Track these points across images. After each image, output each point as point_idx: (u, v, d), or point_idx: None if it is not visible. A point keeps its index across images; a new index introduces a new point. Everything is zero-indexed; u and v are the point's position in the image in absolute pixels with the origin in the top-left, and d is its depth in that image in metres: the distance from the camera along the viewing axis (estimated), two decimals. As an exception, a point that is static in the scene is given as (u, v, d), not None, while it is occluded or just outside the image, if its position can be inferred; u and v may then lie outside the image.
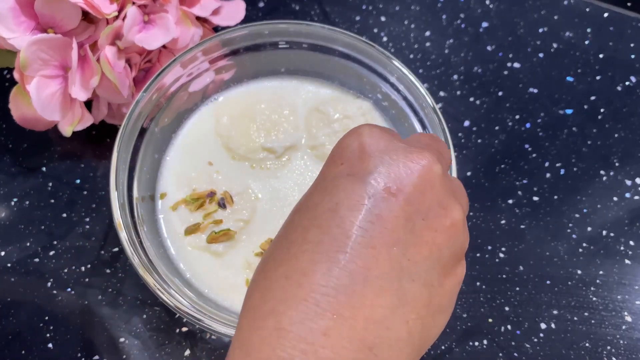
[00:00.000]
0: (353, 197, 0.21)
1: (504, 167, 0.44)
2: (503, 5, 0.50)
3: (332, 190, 0.21)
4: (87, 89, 0.39)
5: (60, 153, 0.44)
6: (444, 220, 0.22)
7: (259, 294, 0.21)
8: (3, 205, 0.43)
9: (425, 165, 0.22)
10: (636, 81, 0.47)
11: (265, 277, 0.21)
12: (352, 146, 0.23)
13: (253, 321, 0.20)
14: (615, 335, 0.39)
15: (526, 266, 0.41)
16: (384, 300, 0.20)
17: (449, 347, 0.39)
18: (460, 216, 0.23)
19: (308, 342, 0.18)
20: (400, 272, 0.20)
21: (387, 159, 0.22)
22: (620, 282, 0.41)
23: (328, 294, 0.19)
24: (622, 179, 0.44)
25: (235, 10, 0.46)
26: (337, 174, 0.22)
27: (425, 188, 0.22)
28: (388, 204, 0.21)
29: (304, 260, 0.20)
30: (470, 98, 0.47)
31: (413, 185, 0.21)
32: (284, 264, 0.20)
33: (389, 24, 0.50)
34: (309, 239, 0.20)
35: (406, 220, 0.21)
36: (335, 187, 0.21)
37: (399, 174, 0.22)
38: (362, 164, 0.22)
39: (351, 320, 0.19)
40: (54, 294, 0.40)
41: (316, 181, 0.23)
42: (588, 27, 0.49)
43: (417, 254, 0.21)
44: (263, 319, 0.20)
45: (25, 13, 0.38)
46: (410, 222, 0.21)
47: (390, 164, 0.22)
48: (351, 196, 0.21)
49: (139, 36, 0.39)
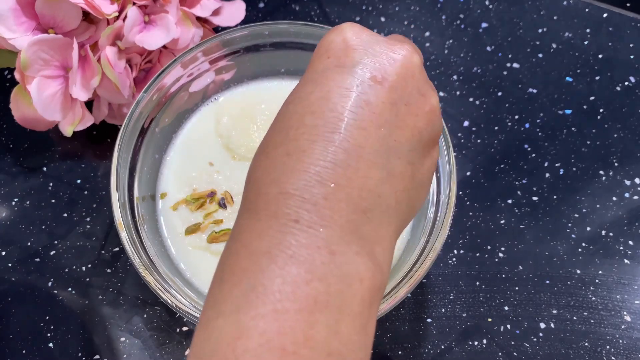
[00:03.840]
0: (342, 86, 0.23)
1: (503, 167, 0.44)
2: (502, 5, 0.50)
3: (322, 81, 0.23)
4: (87, 89, 0.39)
5: (61, 153, 0.44)
6: (423, 106, 0.24)
7: (261, 169, 0.23)
8: (4, 205, 0.43)
9: (406, 55, 0.24)
10: (635, 81, 0.48)
11: (267, 157, 0.23)
12: (336, 41, 0.24)
13: (257, 190, 0.22)
14: (614, 334, 0.39)
15: (525, 266, 0.41)
16: (375, 173, 0.22)
17: (449, 346, 0.39)
18: (437, 103, 0.25)
19: (312, 203, 0.20)
20: (388, 150, 0.23)
21: (371, 50, 0.24)
22: (619, 282, 0.41)
23: (326, 167, 0.21)
24: (621, 179, 0.44)
25: (236, 11, 0.46)
26: (326, 66, 0.24)
27: (407, 76, 0.24)
28: (375, 91, 0.23)
29: (302, 141, 0.22)
30: (470, 98, 0.47)
31: (396, 74, 0.23)
32: (284, 144, 0.22)
33: (388, 25, 0.50)
34: (305, 123, 0.22)
35: (391, 105, 0.23)
36: (325, 78, 0.23)
37: (383, 63, 0.23)
38: (348, 56, 0.24)
39: (348, 189, 0.21)
40: (54, 294, 0.40)
41: (305, 75, 0.25)
42: (587, 27, 0.50)
43: (401, 135, 0.23)
44: (267, 187, 0.22)
45: (26, 13, 0.38)
46: (395, 107, 0.23)
47: (375, 55, 0.24)
48: (341, 85, 0.23)
49: (139, 36, 0.39)
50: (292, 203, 0.21)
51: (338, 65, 0.23)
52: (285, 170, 0.21)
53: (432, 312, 0.40)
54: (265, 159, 0.23)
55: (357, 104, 0.22)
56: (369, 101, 0.22)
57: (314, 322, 0.19)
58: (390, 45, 0.24)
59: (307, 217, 0.20)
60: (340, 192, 0.21)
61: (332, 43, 0.24)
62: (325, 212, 0.21)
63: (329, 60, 0.24)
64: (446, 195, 0.35)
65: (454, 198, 0.34)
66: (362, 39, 0.24)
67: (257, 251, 0.20)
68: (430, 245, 0.33)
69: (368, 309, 0.21)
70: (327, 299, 0.19)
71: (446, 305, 0.40)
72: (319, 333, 0.19)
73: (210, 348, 0.19)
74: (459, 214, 0.43)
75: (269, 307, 0.19)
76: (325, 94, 0.23)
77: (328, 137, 0.22)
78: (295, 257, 0.20)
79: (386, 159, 0.22)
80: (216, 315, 0.20)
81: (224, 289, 0.20)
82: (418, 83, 0.24)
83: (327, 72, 0.23)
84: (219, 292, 0.21)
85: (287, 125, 0.23)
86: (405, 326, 0.39)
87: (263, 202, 0.21)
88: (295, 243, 0.20)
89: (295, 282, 0.19)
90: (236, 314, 0.19)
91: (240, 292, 0.20)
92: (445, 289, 0.40)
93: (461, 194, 0.43)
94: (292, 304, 0.19)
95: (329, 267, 0.20)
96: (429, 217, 0.36)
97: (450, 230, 0.37)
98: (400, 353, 0.39)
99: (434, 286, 0.41)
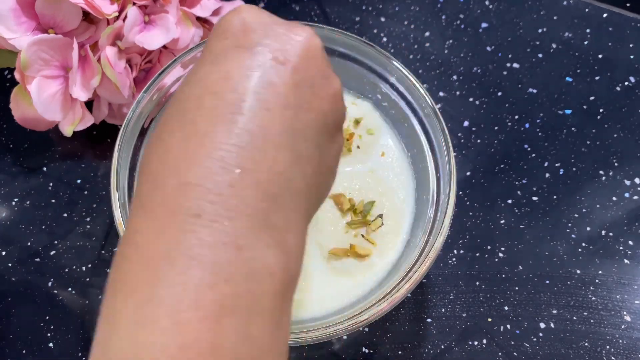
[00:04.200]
0: (243, 66, 0.21)
1: (503, 167, 0.44)
2: (502, 5, 0.50)
3: (222, 61, 0.22)
4: (87, 89, 0.39)
5: (61, 153, 0.44)
6: (327, 89, 0.23)
7: (156, 158, 0.21)
8: (4, 205, 0.43)
9: (308, 37, 0.23)
10: (635, 81, 0.48)
11: (162, 144, 0.21)
12: (234, 22, 0.23)
13: (153, 183, 0.20)
14: (614, 334, 0.39)
15: (525, 266, 0.41)
16: (283, 156, 0.21)
17: (449, 346, 0.39)
18: (339, 87, 0.24)
19: (216, 193, 0.19)
20: (295, 132, 0.21)
21: (271, 31, 0.23)
22: (619, 282, 0.41)
23: (231, 151, 0.19)
24: (621, 179, 0.44)
25: (236, 11, 0.46)
26: (223, 47, 0.22)
27: (310, 58, 0.23)
28: (277, 72, 0.21)
29: (202, 124, 0.20)
30: (470, 98, 0.47)
31: (298, 56, 0.22)
32: (182, 129, 0.20)
33: (388, 25, 0.50)
34: (204, 105, 0.21)
35: (295, 87, 0.22)
36: (225, 58, 0.22)
37: (284, 44, 0.22)
38: (247, 37, 0.22)
39: (256, 173, 0.20)
40: (54, 294, 0.40)
41: (202, 57, 0.23)
42: (587, 27, 0.50)
43: (307, 118, 0.22)
44: (164, 178, 0.20)
45: (26, 13, 0.38)
46: (299, 89, 0.22)
47: (275, 36, 0.22)
48: (241, 65, 0.21)
49: (139, 36, 0.39)
50: (193, 195, 0.19)
51: (237, 46, 0.22)
52: (185, 157, 0.19)
53: (432, 312, 0.40)
54: (161, 146, 0.21)
55: (260, 84, 0.21)
56: (272, 82, 0.21)
57: (220, 330, 0.17)
58: (291, 27, 0.23)
59: (211, 209, 0.18)
60: (248, 177, 0.19)
61: (229, 24, 0.23)
62: (232, 201, 0.19)
63: (227, 41, 0.22)
64: (446, 195, 0.35)
65: (454, 198, 0.34)
66: (261, 21, 0.23)
67: (155, 255, 0.18)
68: (430, 245, 0.34)
69: (281, 302, 0.19)
70: (235, 301, 0.18)
71: (446, 305, 0.40)
72: (228, 340, 0.17)
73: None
74: (459, 214, 0.43)
75: (169, 320, 0.17)
76: (225, 74, 0.21)
77: (231, 118, 0.20)
78: (197, 259, 0.18)
79: (294, 141, 0.21)
80: (110, 334, 0.18)
81: (118, 302, 0.18)
82: (321, 66, 0.23)
83: (226, 52, 0.22)
84: (112, 306, 0.19)
85: (184, 108, 0.21)
86: (405, 326, 0.39)
87: (160, 196, 0.19)
88: (197, 242, 0.18)
89: (197, 287, 0.17)
90: (133, 331, 0.17)
91: (136, 304, 0.18)
92: (445, 289, 0.40)
93: (461, 194, 0.43)
94: (195, 313, 0.17)
95: (236, 266, 0.18)
96: (429, 217, 0.36)
97: (450, 230, 0.37)
98: (400, 353, 0.39)
99: (434, 286, 0.41)
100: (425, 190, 0.37)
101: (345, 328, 0.32)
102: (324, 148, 0.23)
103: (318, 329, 0.32)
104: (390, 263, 0.37)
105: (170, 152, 0.20)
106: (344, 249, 0.37)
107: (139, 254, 0.19)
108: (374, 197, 0.38)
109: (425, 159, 0.38)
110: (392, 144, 0.41)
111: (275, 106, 0.21)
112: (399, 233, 0.38)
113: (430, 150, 0.38)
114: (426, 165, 0.38)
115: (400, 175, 0.40)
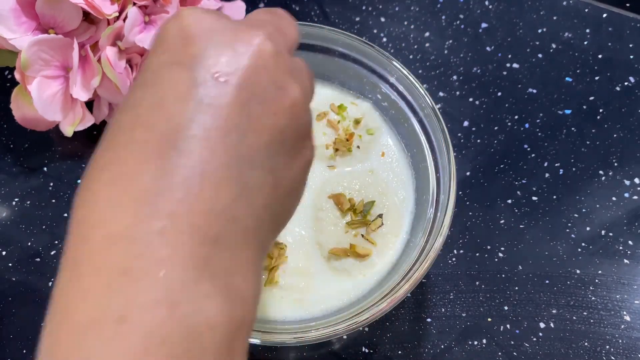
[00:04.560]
0: (179, 88, 0.19)
1: (503, 167, 0.44)
2: (502, 5, 0.51)
3: (155, 82, 0.19)
4: (88, 89, 0.40)
5: (61, 153, 0.45)
6: (283, 102, 0.21)
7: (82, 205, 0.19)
8: (4, 205, 0.43)
9: (257, 43, 0.20)
10: (635, 81, 0.48)
11: (89, 187, 0.19)
12: (172, 31, 0.20)
13: (80, 234, 0.18)
14: (614, 334, 0.39)
15: (525, 266, 0.41)
16: (224, 192, 0.18)
17: (448, 346, 0.39)
18: (299, 95, 0.21)
19: (143, 244, 0.17)
20: (240, 160, 0.19)
21: (212, 42, 0.20)
22: (619, 282, 0.41)
23: (160, 194, 0.17)
24: (620, 179, 0.44)
25: (236, 11, 0.46)
26: (159, 64, 0.20)
27: (258, 70, 0.20)
28: (219, 91, 0.19)
29: (131, 162, 0.18)
30: (470, 98, 0.47)
31: (244, 69, 0.20)
32: (110, 168, 0.18)
33: (388, 25, 0.50)
34: (135, 138, 0.18)
35: (241, 107, 0.19)
36: (159, 79, 0.19)
37: (228, 57, 0.20)
38: (186, 50, 0.20)
39: (189, 217, 0.18)
40: (55, 294, 0.40)
41: (139, 74, 0.21)
42: (587, 27, 0.50)
43: (256, 140, 0.20)
44: (89, 229, 0.18)
45: (26, 14, 0.38)
46: (246, 108, 0.19)
47: (217, 47, 0.20)
48: (177, 87, 0.19)
49: (139, 37, 0.39)
50: (118, 249, 0.17)
51: (174, 62, 0.20)
52: (111, 204, 0.18)
53: (432, 312, 0.40)
54: (89, 189, 0.19)
55: (198, 109, 0.19)
56: (212, 104, 0.19)
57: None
58: (236, 34, 0.20)
59: (139, 264, 0.17)
60: (181, 222, 0.17)
61: (167, 34, 0.20)
62: (163, 252, 0.17)
63: (164, 55, 0.20)
64: (446, 195, 0.35)
65: (453, 198, 0.34)
66: (203, 27, 0.20)
67: (81, 322, 0.16)
68: (430, 245, 0.34)
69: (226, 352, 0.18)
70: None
71: (446, 305, 0.40)
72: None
73: None
74: (459, 214, 0.43)
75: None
76: (158, 100, 0.19)
77: (163, 154, 0.18)
78: (126, 323, 0.16)
79: (238, 172, 0.19)
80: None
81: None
82: (273, 76, 0.20)
83: (160, 71, 0.20)
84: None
85: (116, 142, 0.19)
86: (405, 326, 0.39)
87: (87, 251, 0.17)
88: (124, 304, 0.16)
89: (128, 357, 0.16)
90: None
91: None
92: (445, 288, 0.41)
93: (461, 194, 0.43)
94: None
95: (171, 327, 0.16)
96: (429, 217, 0.36)
97: (450, 230, 0.37)
98: (400, 353, 0.39)
99: (434, 286, 0.41)
100: (425, 190, 0.37)
101: (345, 328, 0.32)
102: (282, 169, 0.21)
103: (318, 329, 0.32)
104: (390, 263, 0.37)
105: (97, 197, 0.18)
106: (344, 249, 0.37)
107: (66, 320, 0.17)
108: (373, 197, 0.38)
109: (425, 159, 0.38)
110: (392, 144, 0.41)
111: (215, 134, 0.19)
112: (398, 233, 0.38)
113: (430, 150, 0.38)
114: (426, 165, 0.38)
115: (400, 175, 0.40)
